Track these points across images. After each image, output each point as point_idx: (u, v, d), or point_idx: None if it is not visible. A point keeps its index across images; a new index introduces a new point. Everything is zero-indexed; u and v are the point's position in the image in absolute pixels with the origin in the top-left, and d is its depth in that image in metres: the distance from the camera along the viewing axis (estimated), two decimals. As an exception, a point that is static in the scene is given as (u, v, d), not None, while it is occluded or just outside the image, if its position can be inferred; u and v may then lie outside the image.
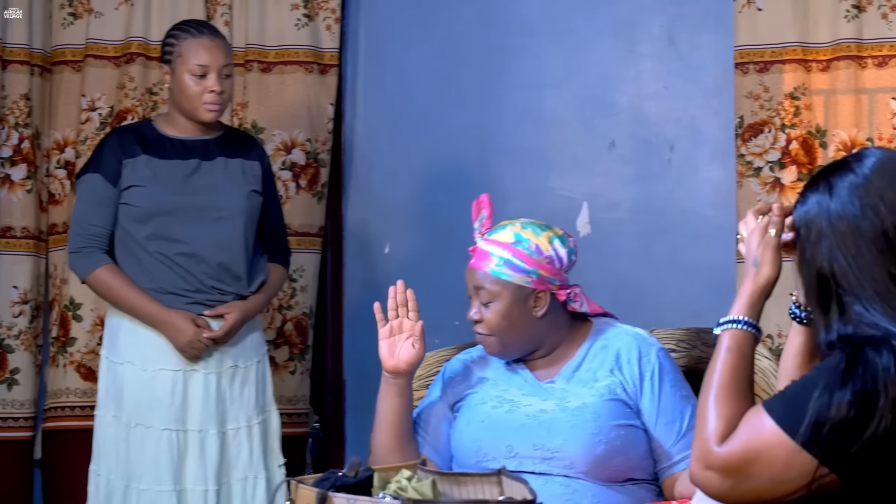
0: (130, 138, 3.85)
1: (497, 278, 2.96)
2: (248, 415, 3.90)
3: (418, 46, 4.82)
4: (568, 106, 4.69)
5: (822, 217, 2.11)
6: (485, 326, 3.00)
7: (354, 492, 2.34)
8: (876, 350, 1.98)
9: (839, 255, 2.08)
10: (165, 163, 3.84)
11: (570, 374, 3.00)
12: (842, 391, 1.94)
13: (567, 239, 3.03)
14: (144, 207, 3.80)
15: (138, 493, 3.78)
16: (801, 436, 1.95)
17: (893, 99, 4.24)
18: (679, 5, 4.60)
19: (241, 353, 3.91)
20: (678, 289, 4.53)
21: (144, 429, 3.80)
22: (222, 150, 3.91)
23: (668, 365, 3.00)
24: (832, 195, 2.10)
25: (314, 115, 4.70)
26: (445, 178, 4.76)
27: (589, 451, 2.88)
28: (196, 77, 3.80)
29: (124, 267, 3.83)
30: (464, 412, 3.06)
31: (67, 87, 4.73)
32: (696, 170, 4.57)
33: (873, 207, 2.06)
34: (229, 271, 3.85)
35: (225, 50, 3.85)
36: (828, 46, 4.28)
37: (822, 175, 2.16)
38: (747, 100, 4.35)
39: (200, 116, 3.83)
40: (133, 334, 3.83)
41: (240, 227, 3.86)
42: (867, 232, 2.06)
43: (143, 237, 3.81)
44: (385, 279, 4.82)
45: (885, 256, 2.05)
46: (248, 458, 3.88)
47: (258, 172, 3.95)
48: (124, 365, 3.84)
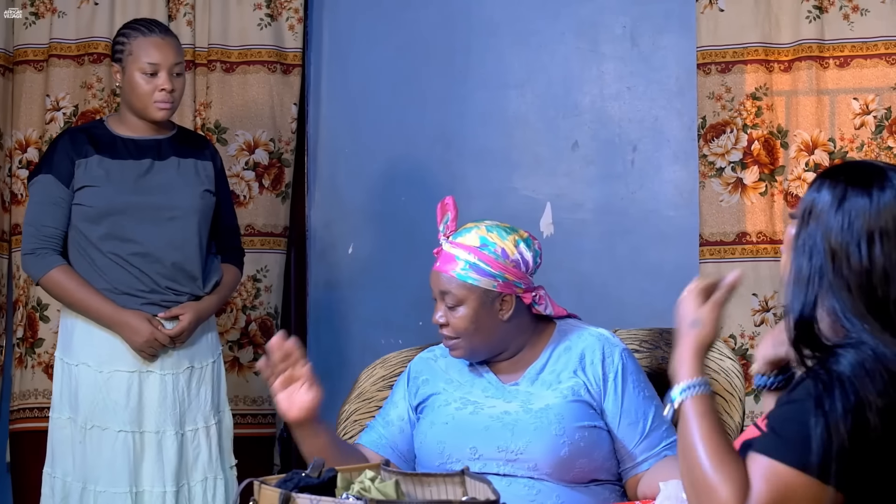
0: (83, 138, 3.83)
1: (463, 282, 2.95)
2: (206, 415, 3.89)
3: (382, 47, 4.82)
4: (531, 106, 4.69)
5: (822, 219, 2.12)
6: (451, 330, 2.99)
7: (318, 492, 2.33)
8: (837, 360, 2.01)
9: (824, 261, 2.09)
10: (118, 163, 3.81)
11: (534, 376, 3.00)
12: (831, 414, 1.96)
13: (532, 242, 3.02)
14: (98, 207, 3.78)
15: (95, 494, 3.76)
16: (817, 469, 1.97)
17: (855, 100, 4.26)
18: (642, 6, 4.61)
19: (196, 353, 3.89)
20: (641, 289, 4.54)
21: (101, 430, 3.77)
22: (175, 150, 3.89)
23: (631, 366, 3.01)
24: (839, 207, 2.11)
25: (277, 114, 4.69)
26: (409, 178, 4.76)
27: (553, 452, 2.88)
28: (147, 76, 3.78)
29: (78, 268, 3.80)
30: (427, 414, 3.05)
31: (30, 87, 4.70)
32: (658, 170, 4.58)
33: (869, 242, 2.08)
34: (184, 271, 3.84)
35: (176, 48, 3.83)
36: (789, 47, 4.30)
37: (847, 176, 2.15)
38: (709, 100, 4.36)
39: (152, 115, 3.81)
40: (88, 335, 3.81)
41: (193, 226, 3.85)
42: (854, 263, 2.08)
43: (97, 237, 3.78)
44: (349, 279, 4.84)
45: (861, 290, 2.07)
46: (208, 458, 3.87)
47: (211, 172, 3.94)
48: (79, 367, 3.81)
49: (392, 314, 4.77)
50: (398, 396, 3.13)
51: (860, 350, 2.02)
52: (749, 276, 4.24)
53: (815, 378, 2.01)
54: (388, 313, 4.78)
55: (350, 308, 4.82)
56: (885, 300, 2.07)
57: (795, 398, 2.03)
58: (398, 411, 3.10)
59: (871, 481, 1.99)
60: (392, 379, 3.34)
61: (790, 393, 2.06)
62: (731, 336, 4.27)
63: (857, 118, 4.26)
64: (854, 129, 4.26)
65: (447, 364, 3.11)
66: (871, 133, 4.24)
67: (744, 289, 4.28)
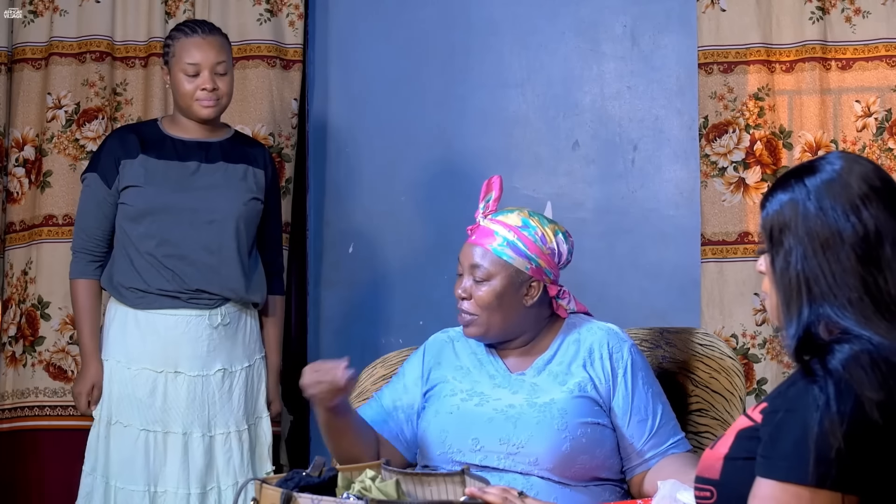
0: (131, 138, 3.87)
1: (498, 258, 2.97)
2: (238, 420, 3.90)
3: (382, 46, 4.81)
4: (531, 106, 4.69)
5: (796, 220, 2.07)
6: (473, 304, 2.99)
7: (319, 491, 2.33)
8: (832, 356, 1.97)
9: (813, 262, 2.05)
10: (163, 163, 3.85)
11: (542, 367, 3.00)
12: (828, 417, 1.93)
13: (568, 238, 3.06)
14: (138, 207, 3.82)
15: (115, 491, 3.78)
16: (812, 477, 1.93)
17: (857, 102, 4.26)
18: (642, 5, 4.60)
19: (230, 356, 3.90)
20: (641, 288, 4.54)
21: (123, 427, 3.81)
22: (225, 154, 3.91)
23: (640, 361, 3.01)
24: (809, 196, 2.07)
25: (277, 109, 4.68)
26: (409, 178, 4.76)
27: (554, 447, 2.88)
28: (188, 76, 3.82)
29: (118, 265, 3.84)
30: (433, 402, 3.05)
31: (28, 86, 4.69)
32: (659, 170, 4.58)
33: (854, 210, 2.04)
34: (219, 275, 3.84)
35: (219, 47, 3.86)
36: (791, 48, 4.30)
37: (793, 176, 2.12)
38: (711, 100, 4.35)
39: (196, 114, 3.85)
40: (121, 333, 3.85)
41: (230, 231, 3.85)
42: (848, 236, 2.03)
43: (136, 237, 3.82)
44: (349, 279, 4.83)
45: (861, 262, 2.03)
46: (240, 463, 3.89)
47: (262, 180, 3.96)
48: (109, 362, 3.86)
49: (392, 314, 4.76)
50: (411, 380, 3.13)
51: (855, 343, 1.98)
52: (750, 276, 4.24)
53: (810, 380, 1.98)
54: (388, 313, 4.77)
55: (350, 307, 4.82)
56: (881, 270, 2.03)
57: (792, 406, 1.99)
58: (409, 398, 3.11)
59: (882, 477, 1.95)
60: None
61: (786, 393, 2.02)
62: (733, 336, 4.26)
63: (859, 120, 4.26)
64: (856, 131, 4.25)
65: (459, 349, 3.11)
66: (872, 135, 4.24)
67: (745, 288, 4.28)
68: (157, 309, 3.82)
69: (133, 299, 3.83)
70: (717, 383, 3.19)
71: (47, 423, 4.55)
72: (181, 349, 3.83)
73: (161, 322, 3.83)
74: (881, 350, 1.97)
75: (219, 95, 3.85)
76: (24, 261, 4.63)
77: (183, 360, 3.83)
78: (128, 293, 3.83)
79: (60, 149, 4.59)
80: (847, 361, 1.96)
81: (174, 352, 3.83)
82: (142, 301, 3.82)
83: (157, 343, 3.83)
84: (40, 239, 4.57)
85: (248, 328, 3.95)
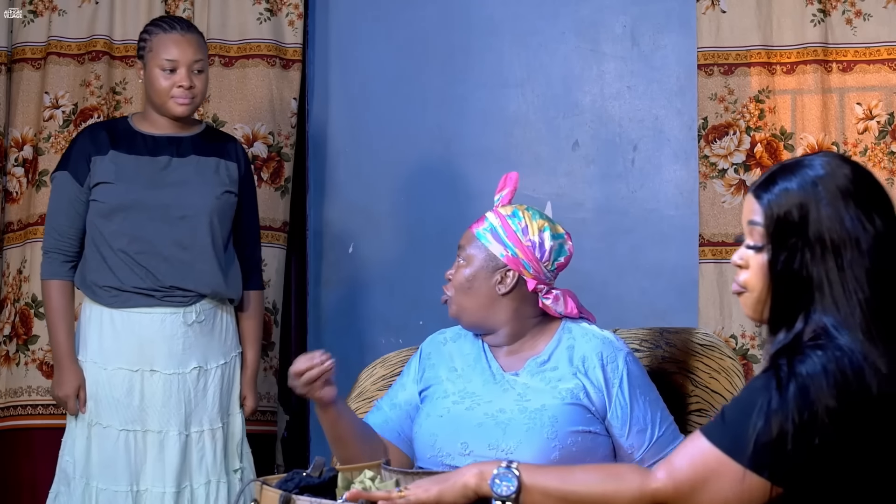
0: (101, 135, 3.84)
1: (478, 241, 3.02)
2: (212, 418, 3.87)
3: (382, 46, 4.81)
4: (531, 106, 4.69)
5: (808, 221, 2.03)
6: (451, 284, 3.05)
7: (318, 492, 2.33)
8: (803, 359, 1.97)
9: (824, 267, 2.01)
10: (133, 158, 3.81)
11: (535, 369, 3.00)
12: (778, 409, 1.94)
13: (565, 240, 3.06)
14: (109, 203, 3.78)
15: (97, 492, 3.76)
16: (749, 459, 1.95)
17: (858, 104, 4.26)
18: (642, 6, 4.60)
19: (206, 354, 3.87)
20: (641, 288, 4.54)
21: (102, 428, 3.78)
22: (197, 148, 3.88)
23: (636, 370, 2.99)
24: (822, 198, 2.03)
25: (277, 108, 4.68)
26: (409, 177, 4.75)
27: (543, 455, 2.86)
28: (165, 72, 3.78)
29: (91, 264, 3.81)
30: (426, 404, 3.05)
31: (27, 85, 4.69)
32: (659, 170, 4.58)
33: (869, 217, 2.01)
34: (192, 271, 3.81)
35: (196, 45, 3.83)
36: (792, 50, 4.30)
37: (795, 172, 2.08)
38: (711, 101, 4.35)
39: (171, 111, 3.81)
40: (96, 333, 3.82)
41: (204, 226, 3.82)
42: (864, 242, 2.00)
43: (109, 234, 3.78)
44: (349, 278, 4.83)
45: (874, 270, 1.99)
46: (212, 461, 3.86)
47: (235, 173, 3.92)
48: (86, 363, 3.82)
49: (392, 314, 4.76)
50: (408, 379, 3.14)
51: (828, 352, 1.97)
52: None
53: (776, 371, 1.99)
54: (388, 313, 4.77)
55: (350, 307, 4.81)
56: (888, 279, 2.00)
57: (753, 386, 2.02)
58: (406, 395, 3.11)
59: (818, 481, 1.96)
60: (391, 378, 3.33)
61: (755, 378, 2.04)
62: (732, 336, 4.26)
63: (861, 123, 4.26)
64: (858, 133, 4.25)
65: (454, 350, 3.12)
66: (874, 138, 4.23)
67: (743, 289, 4.28)
68: (132, 307, 3.79)
69: (107, 298, 3.79)
70: (717, 383, 3.19)
71: (40, 422, 4.55)
72: (156, 347, 3.80)
73: (136, 321, 3.79)
74: (853, 363, 1.96)
75: (194, 94, 3.81)
76: (19, 260, 4.63)
77: (158, 359, 3.80)
78: (101, 292, 3.80)
79: (57, 148, 4.58)
80: (813, 369, 1.96)
81: (149, 350, 3.80)
82: (116, 299, 3.79)
83: (133, 342, 3.79)
84: (35, 238, 4.56)
85: (223, 325, 3.92)
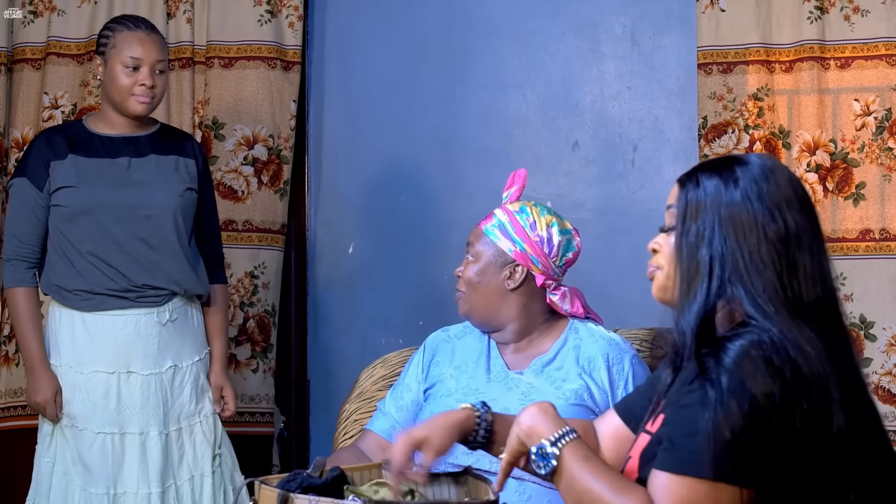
0: (58, 139, 3.80)
1: (486, 237, 3.05)
2: (189, 414, 3.87)
3: (382, 46, 4.81)
4: (531, 106, 4.69)
5: (720, 202, 2.11)
6: (461, 281, 3.08)
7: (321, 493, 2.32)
8: (727, 352, 1.99)
9: (732, 245, 2.08)
10: (93, 161, 3.79)
11: (540, 368, 3.00)
12: (722, 413, 1.95)
13: (573, 236, 3.08)
14: (73, 207, 3.75)
15: (75, 494, 3.75)
16: (710, 470, 1.95)
17: (856, 101, 4.26)
18: (642, 6, 4.60)
19: (180, 352, 3.86)
20: (641, 289, 4.49)
21: (79, 431, 3.76)
22: (155, 147, 3.86)
23: (641, 372, 3.00)
24: (737, 184, 2.11)
25: (276, 110, 4.67)
26: (409, 178, 4.75)
27: (545, 455, 2.87)
28: (128, 69, 3.76)
29: (57, 268, 3.78)
30: (429, 402, 3.06)
31: (27, 86, 4.69)
32: (659, 170, 4.58)
33: (780, 210, 2.09)
34: (161, 269, 3.80)
35: (160, 46, 3.81)
36: (790, 47, 4.30)
37: (721, 164, 2.17)
38: (710, 100, 4.35)
39: (130, 109, 3.79)
40: (69, 337, 3.79)
41: (169, 224, 3.80)
42: (771, 232, 2.08)
43: (75, 238, 3.75)
44: (349, 279, 4.83)
45: (779, 260, 2.07)
46: (193, 457, 3.85)
47: (193, 170, 3.90)
48: (61, 368, 3.79)
49: (392, 314, 4.76)
50: (412, 378, 3.14)
51: (749, 336, 2.00)
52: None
53: (704, 378, 2.00)
54: (388, 313, 4.77)
55: (350, 308, 4.81)
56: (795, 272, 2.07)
57: (688, 402, 2.03)
58: (413, 395, 3.12)
59: (778, 470, 1.97)
60: (392, 379, 3.33)
61: (687, 394, 2.04)
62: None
63: (858, 119, 4.26)
64: (855, 130, 4.25)
65: (458, 346, 3.12)
66: (871, 134, 4.23)
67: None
68: (105, 310, 3.76)
69: (78, 302, 3.76)
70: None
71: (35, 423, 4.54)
72: (132, 349, 3.78)
73: (110, 323, 3.77)
74: (775, 342, 1.99)
75: (155, 93, 3.79)
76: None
77: (135, 360, 3.78)
78: (72, 296, 3.77)
79: (57, 148, 4.58)
80: (739, 357, 1.98)
81: (125, 352, 3.77)
82: (88, 303, 3.76)
83: (108, 345, 3.77)
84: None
85: (195, 322, 3.91)
